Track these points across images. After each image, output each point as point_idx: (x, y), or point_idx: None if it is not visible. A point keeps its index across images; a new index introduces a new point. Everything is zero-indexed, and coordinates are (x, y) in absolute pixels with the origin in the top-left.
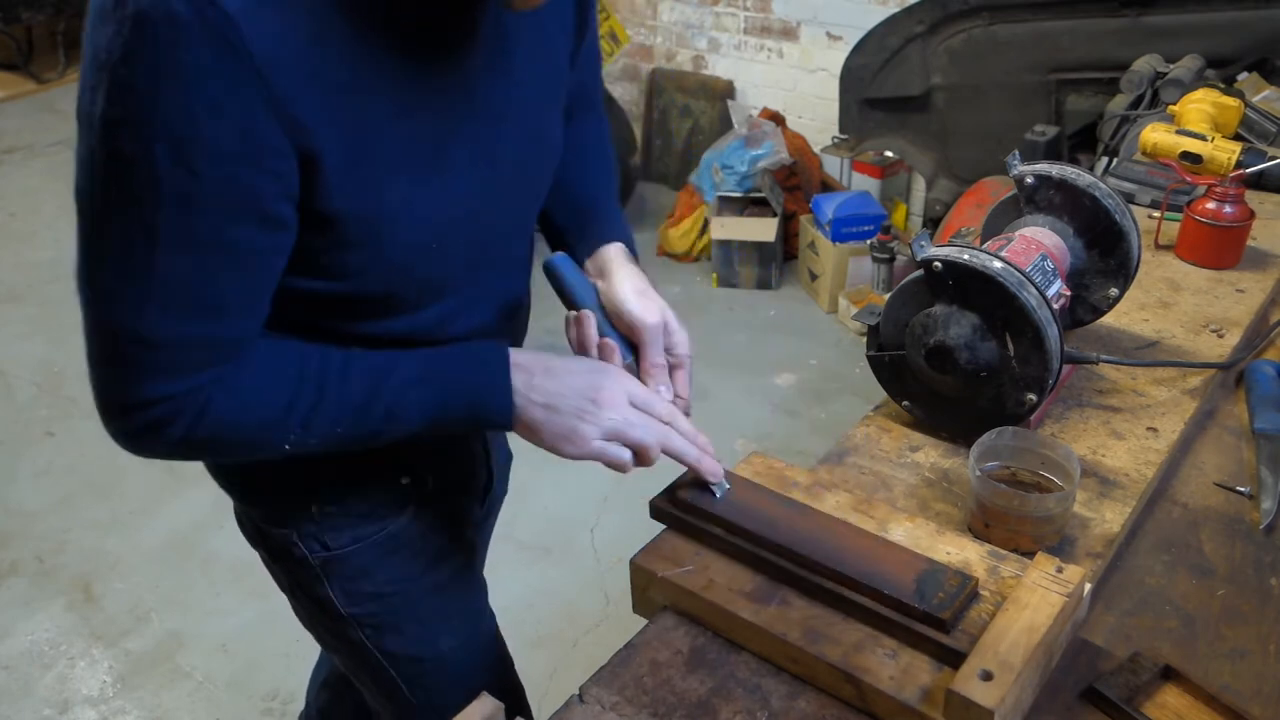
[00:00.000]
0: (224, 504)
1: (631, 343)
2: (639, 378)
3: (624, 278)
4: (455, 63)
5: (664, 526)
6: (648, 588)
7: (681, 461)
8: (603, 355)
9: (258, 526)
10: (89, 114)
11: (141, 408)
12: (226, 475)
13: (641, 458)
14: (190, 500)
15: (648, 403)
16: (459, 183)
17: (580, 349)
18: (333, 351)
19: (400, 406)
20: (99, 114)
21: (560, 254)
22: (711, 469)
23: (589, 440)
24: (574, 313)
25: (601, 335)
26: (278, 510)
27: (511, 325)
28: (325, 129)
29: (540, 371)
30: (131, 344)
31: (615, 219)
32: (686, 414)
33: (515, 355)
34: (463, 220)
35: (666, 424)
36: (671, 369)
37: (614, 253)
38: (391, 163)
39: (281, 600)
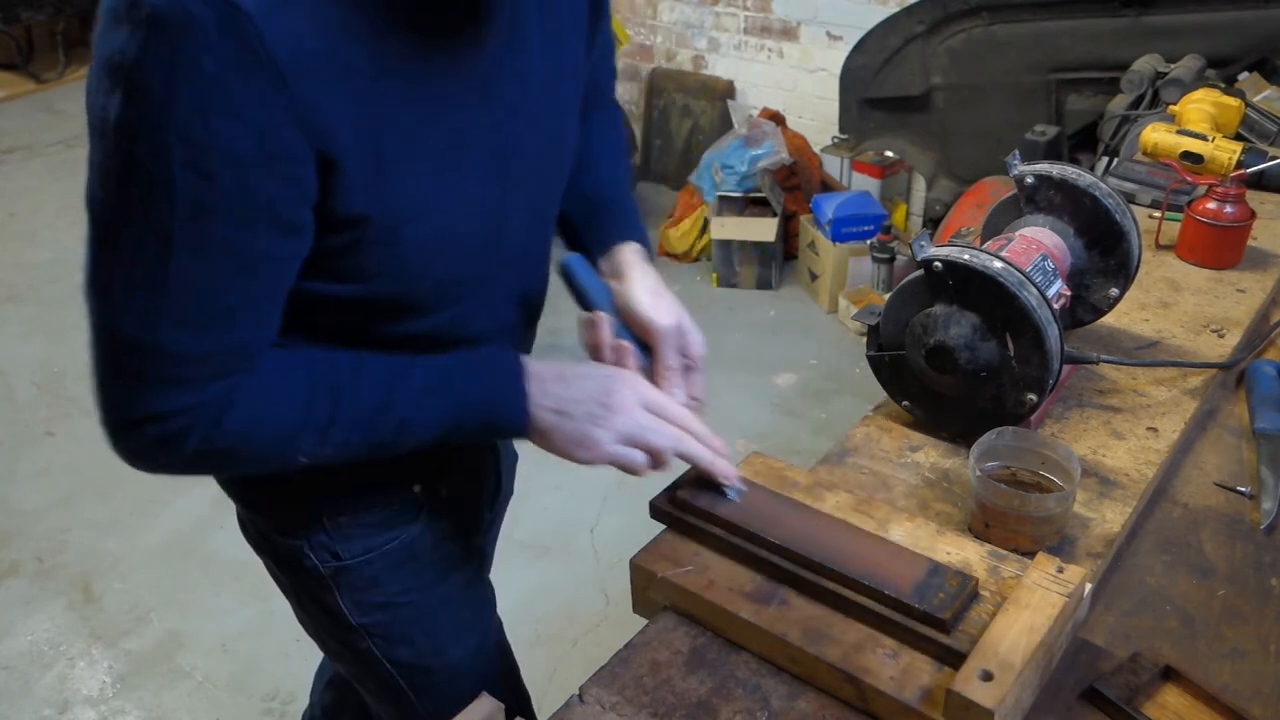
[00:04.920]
0: (224, 504)
1: (646, 344)
2: (653, 380)
3: (639, 279)
4: (470, 57)
5: (664, 526)
6: (648, 588)
7: (695, 465)
8: (617, 358)
9: (265, 535)
10: (101, 119)
11: (154, 421)
12: (235, 484)
13: (656, 461)
14: (190, 500)
15: (661, 406)
16: (475, 179)
17: (594, 351)
18: (343, 358)
19: (415, 416)
20: (113, 118)
21: (575, 255)
22: (725, 471)
23: (602, 446)
24: (588, 314)
25: (616, 337)
26: (288, 520)
27: (529, 324)
28: (345, 130)
29: (552, 378)
30: (143, 355)
31: (629, 216)
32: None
33: (528, 363)
34: (479, 218)
35: (680, 428)
36: (685, 370)
37: (630, 254)
38: (410, 161)
39: (282, 600)
